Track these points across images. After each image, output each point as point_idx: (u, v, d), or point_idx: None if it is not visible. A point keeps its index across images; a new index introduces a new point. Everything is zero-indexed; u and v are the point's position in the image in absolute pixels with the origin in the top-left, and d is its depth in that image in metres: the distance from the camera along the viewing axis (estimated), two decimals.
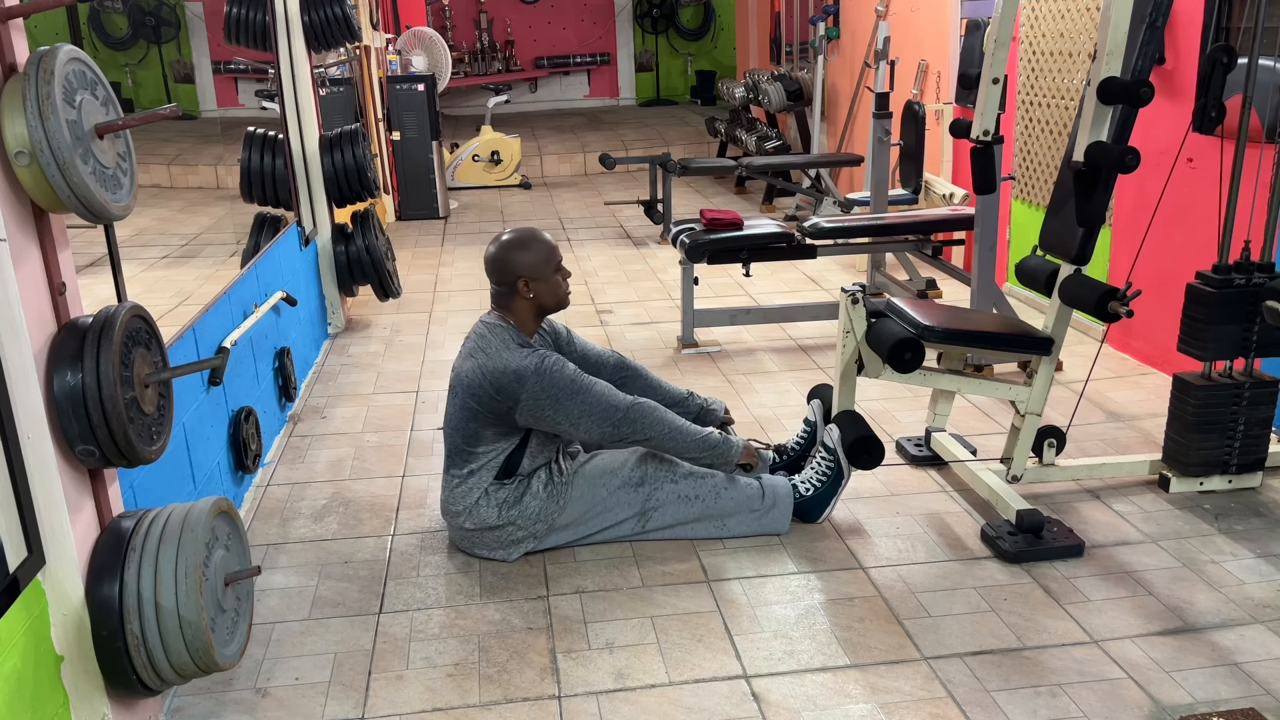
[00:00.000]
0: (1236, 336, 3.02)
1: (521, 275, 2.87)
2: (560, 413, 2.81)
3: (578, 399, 2.81)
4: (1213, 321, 3.00)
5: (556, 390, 2.80)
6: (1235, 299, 2.99)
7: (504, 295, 2.91)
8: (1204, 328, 3.02)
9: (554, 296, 2.92)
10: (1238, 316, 3.00)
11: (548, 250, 2.91)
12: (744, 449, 3.04)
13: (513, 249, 2.89)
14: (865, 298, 3.07)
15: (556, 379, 2.80)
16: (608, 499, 2.92)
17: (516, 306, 2.91)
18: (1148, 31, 2.82)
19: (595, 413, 2.83)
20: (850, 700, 2.29)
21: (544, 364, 2.80)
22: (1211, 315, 3.00)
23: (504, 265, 2.88)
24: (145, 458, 1.98)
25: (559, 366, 2.82)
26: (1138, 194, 4.34)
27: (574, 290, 5.82)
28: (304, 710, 2.31)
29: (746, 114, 9.58)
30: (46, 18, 2.58)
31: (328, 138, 4.99)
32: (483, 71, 13.67)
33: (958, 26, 5.93)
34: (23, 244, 1.82)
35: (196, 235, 5.42)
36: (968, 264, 5.17)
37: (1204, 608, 2.60)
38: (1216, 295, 2.99)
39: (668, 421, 2.91)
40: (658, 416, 2.89)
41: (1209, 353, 3.05)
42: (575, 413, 2.82)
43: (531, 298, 2.89)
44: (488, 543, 2.89)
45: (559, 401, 2.80)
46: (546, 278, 2.89)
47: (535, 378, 2.78)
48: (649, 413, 2.89)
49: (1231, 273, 3.01)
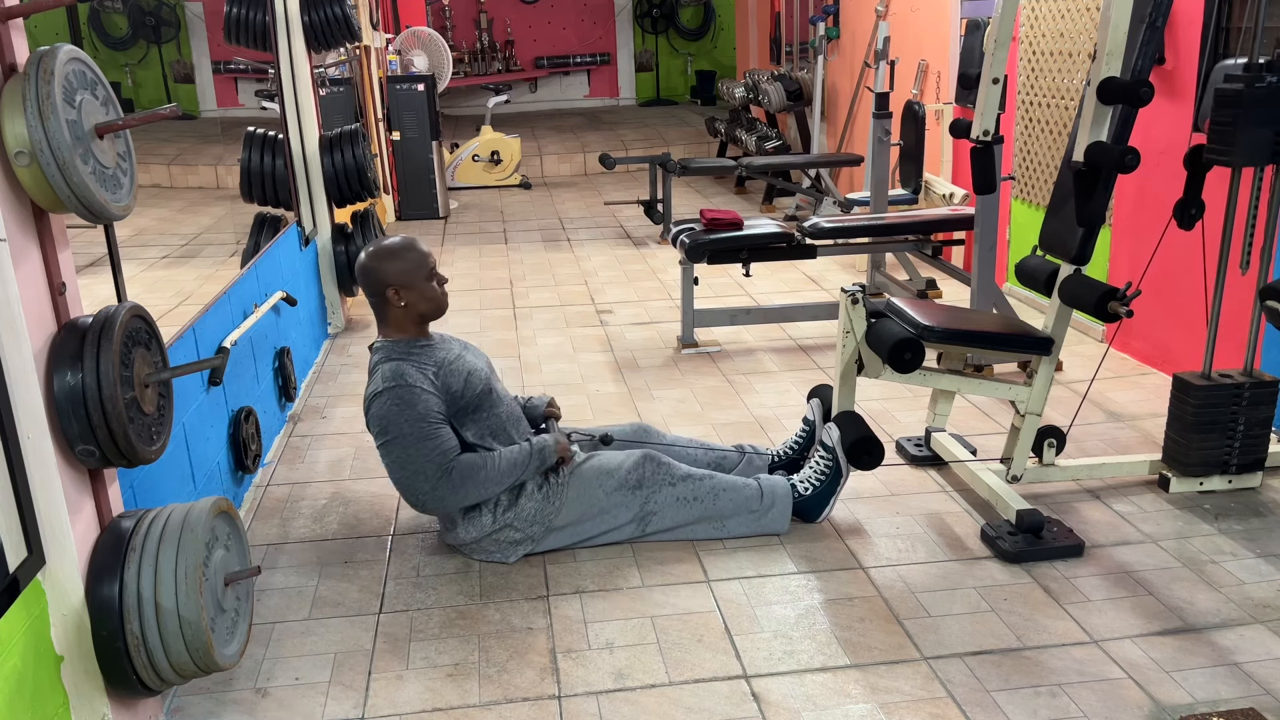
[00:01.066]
0: (1267, 141, 2.86)
1: (390, 284, 2.83)
2: (385, 450, 2.74)
3: (401, 445, 2.70)
4: (1243, 123, 2.83)
5: (386, 420, 2.71)
6: (1267, 96, 2.81)
7: (379, 307, 2.89)
8: (1233, 131, 2.85)
9: (430, 303, 2.88)
10: (1269, 118, 2.83)
11: (418, 258, 2.87)
12: (554, 447, 2.90)
13: (380, 259, 2.85)
14: (865, 298, 3.07)
15: (395, 411, 2.69)
16: (605, 500, 2.92)
17: (392, 317, 2.88)
18: (1148, 31, 2.82)
19: (409, 467, 2.71)
20: (850, 700, 2.29)
21: (396, 388, 2.71)
22: (1242, 116, 2.83)
23: (372, 276, 2.85)
24: (145, 458, 1.98)
25: (410, 396, 2.70)
26: (1138, 194, 4.34)
27: (574, 290, 5.86)
28: (304, 710, 2.31)
29: (746, 114, 9.58)
30: (46, 18, 2.58)
31: (328, 138, 4.99)
32: (483, 71, 13.67)
33: (958, 26, 5.93)
34: (23, 244, 1.82)
35: (196, 235, 5.42)
36: (968, 264, 5.17)
37: (1204, 608, 2.60)
38: (1246, 93, 2.82)
39: (479, 482, 2.75)
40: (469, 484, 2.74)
41: (1238, 157, 2.88)
42: (394, 455, 2.73)
43: (404, 306, 2.85)
44: (486, 547, 2.89)
45: (386, 434, 2.71)
46: (418, 285, 2.85)
47: (378, 400, 2.73)
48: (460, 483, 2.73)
49: (1262, 71, 2.84)
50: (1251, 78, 2.83)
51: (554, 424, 3.13)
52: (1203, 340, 3.20)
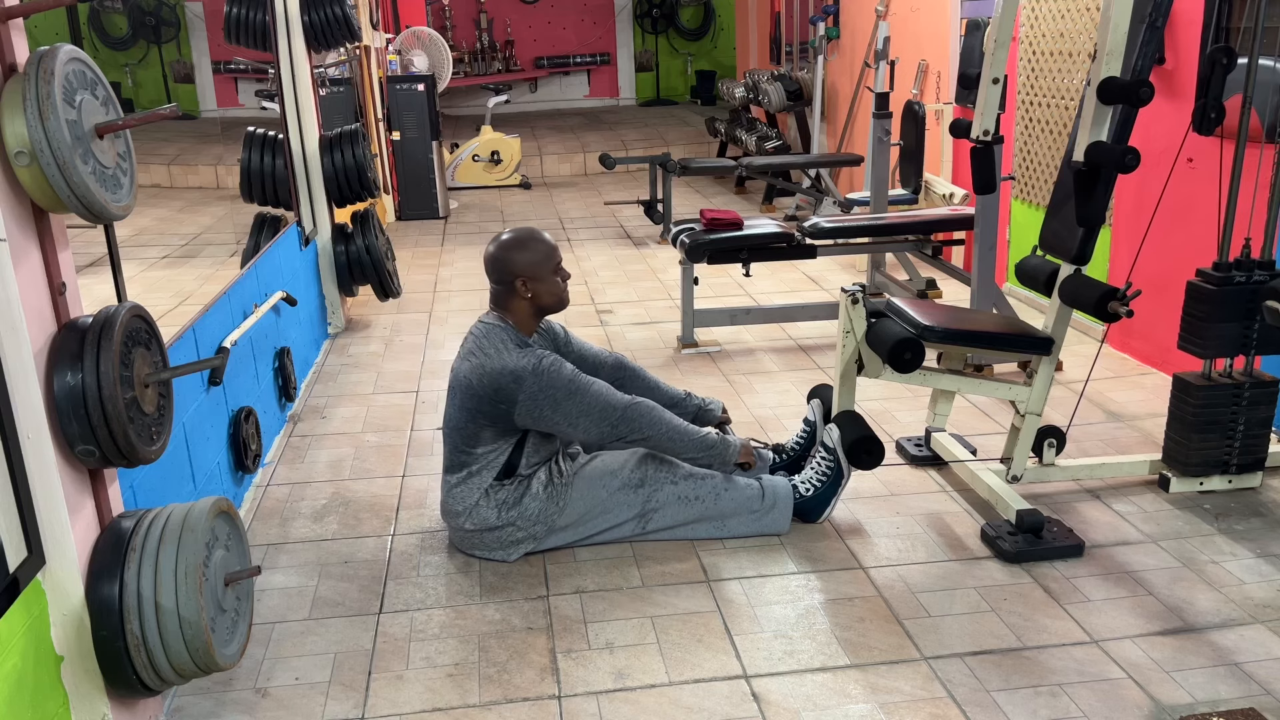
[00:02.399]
0: (1236, 334, 3.02)
1: (520, 275, 2.86)
2: (558, 413, 2.81)
3: (575, 399, 2.81)
4: (1213, 319, 3.00)
5: (554, 390, 2.79)
6: (1235, 297, 2.98)
7: (503, 295, 2.91)
8: (1204, 325, 3.02)
9: (553, 297, 2.92)
10: (1238, 314, 3.00)
11: (547, 250, 2.91)
12: (741, 448, 3.03)
13: (512, 249, 2.89)
14: (865, 298, 3.07)
15: (554, 379, 2.79)
16: (607, 500, 2.92)
17: (515, 306, 2.91)
18: (1148, 31, 2.82)
19: (593, 413, 2.83)
20: (850, 700, 2.29)
21: (541, 364, 2.80)
22: (1212, 313, 3.00)
23: (503, 265, 2.88)
24: (145, 458, 1.98)
25: (557, 367, 2.81)
26: (1138, 194, 4.34)
27: (574, 290, 5.85)
28: (304, 710, 2.31)
29: (746, 114, 9.58)
30: (46, 18, 2.58)
31: (328, 138, 4.99)
32: (483, 71, 13.67)
33: (958, 26, 5.93)
34: (23, 244, 1.82)
35: (196, 235, 5.42)
36: (968, 264, 5.17)
37: (1204, 608, 2.60)
38: (1217, 293, 2.98)
39: (665, 421, 2.90)
40: (655, 416, 2.89)
41: (1209, 350, 3.05)
42: (573, 413, 2.81)
43: (530, 298, 2.89)
44: (487, 543, 2.89)
45: (557, 402, 2.80)
46: (545, 278, 2.89)
47: (533, 378, 2.78)
48: (646, 412, 2.88)
49: (1232, 270, 3.00)
50: (1222, 278, 2.99)
51: (730, 430, 3.22)
52: None
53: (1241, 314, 3.00)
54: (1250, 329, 3.02)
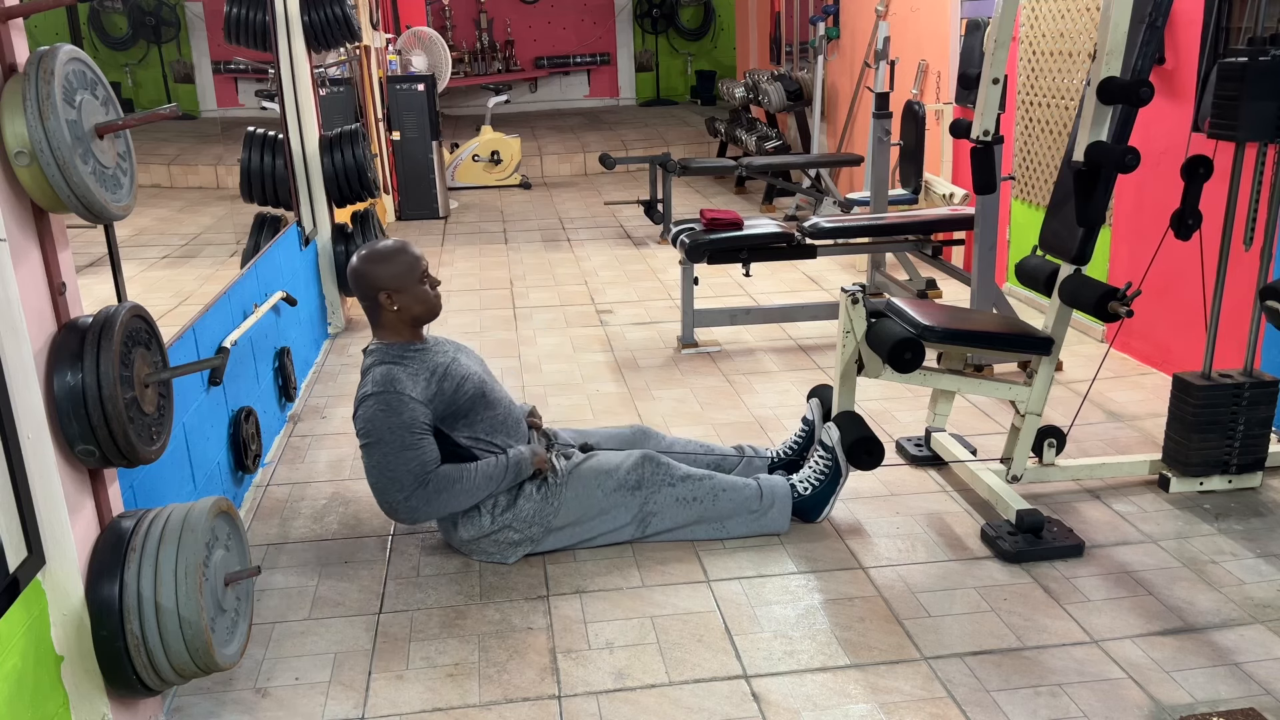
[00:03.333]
0: (1271, 115, 2.85)
1: (383, 289, 2.82)
2: (366, 454, 2.72)
3: (380, 450, 2.69)
4: (1247, 97, 2.82)
5: (370, 427, 2.70)
6: (1270, 72, 2.81)
7: (371, 311, 2.87)
8: (1236, 105, 2.84)
9: (422, 306, 2.86)
10: (1272, 91, 2.82)
11: (409, 261, 2.85)
12: (532, 459, 2.88)
13: (371, 263, 2.83)
14: (865, 298, 3.07)
15: (381, 416, 2.68)
16: (604, 501, 2.91)
17: (385, 321, 2.87)
18: (1148, 31, 2.82)
19: (386, 474, 2.69)
20: (850, 700, 2.29)
21: (383, 394, 2.70)
22: (1244, 90, 2.83)
23: (363, 280, 2.83)
24: (145, 458, 1.98)
25: (398, 403, 2.69)
26: (1138, 194, 4.34)
27: (574, 290, 5.85)
28: (304, 710, 2.31)
29: (746, 114, 9.58)
30: (46, 18, 2.58)
31: (328, 138, 4.99)
32: (483, 71, 13.67)
33: (958, 26, 5.93)
34: (23, 244, 1.82)
35: (196, 235, 5.42)
36: (968, 264, 5.17)
37: (1204, 608, 2.60)
38: (1250, 67, 2.81)
39: (456, 490, 2.74)
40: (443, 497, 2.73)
41: (1241, 131, 2.87)
42: (373, 462, 2.71)
43: (397, 310, 2.84)
44: (485, 548, 2.89)
45: (369, 440, 2.70)
46: (410, 289, 2.83)
47: (364, 404, 2.72)
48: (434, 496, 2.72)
49: (1267, 45, 2.84)
50: (1255, 51, 2.82)
51: (534, 434, 3.08)
52: (1203, 340, 3.20)
53: (1276, 92, 2.81)
54: None
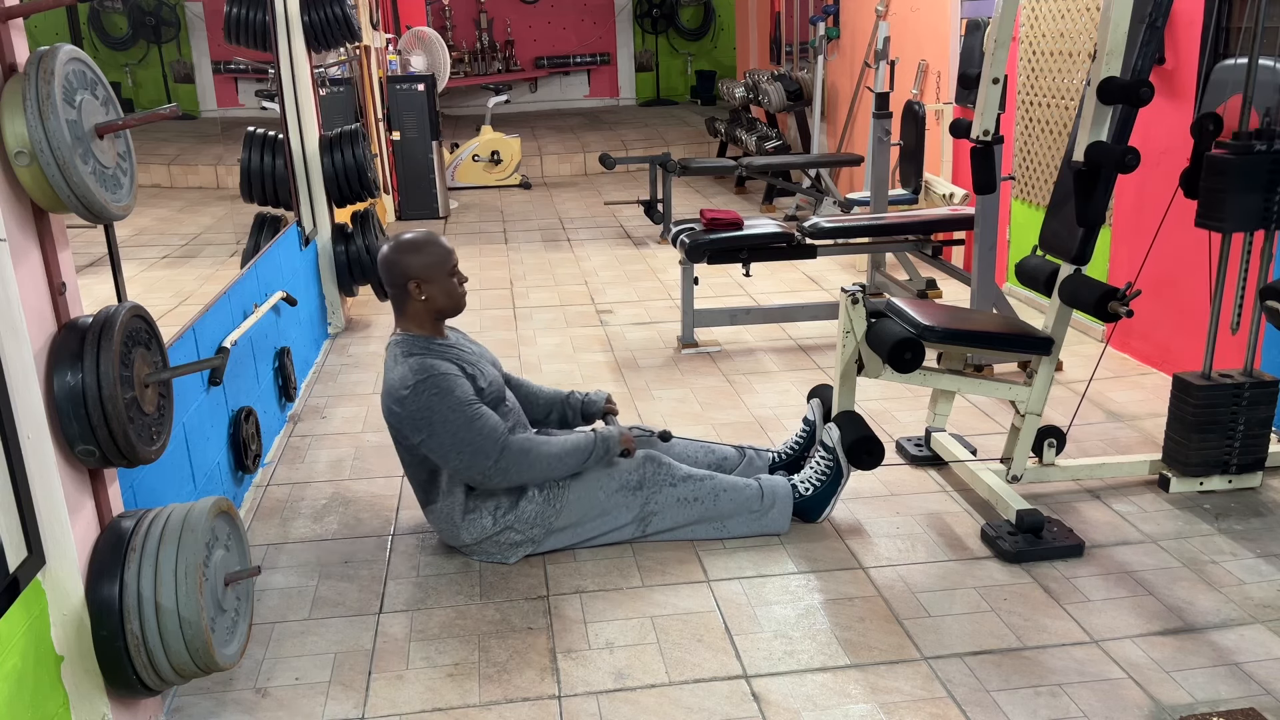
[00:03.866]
0: (1257, 206, 2.89)
1: (413, 278, 2.82)
2: (434, 438, 2.72)
3: (449, 428, 2.69)
4: (1233, 190, 2.87)
5: (430, 411, 2.70)
6: (1256, 166, 2.86)
7: (398, 299, 2.88)
8: (1224, 198, 2.89)
9: (449, 299, 2.87)
10: (1259, 185, 2.87)
11: (441, 252, 2.87)
12: (620, 438, 2.93)
13: (404, 251, 2.84)
14: (865, 298, 3.07)
15: (435, 399, 2.69)
16: (605, 501, 2.92)
17: (411, 311, 2.87)
18: (1148, 31, 2.82)
19: (465, 450, 2.71)
20: (850, 700, 2.29)
21: (429, 378, 2.71)
22: (1232, 184, 2.87)
23: (394, 268, 2.84)
24: (145, 458, 1.98)
25: (447, 382, 2.71)
26: (1138, 194, 4.34)
27: (574, 290, 5.85)
28: (304, 710, 2.31)
29: (746, 114, 9.58)
30: (46, 18, 2.58)
31: (328, 138, 4.99)
32: (483, 71, 13.67)
33: (958, 26, 5.93)
34: (23, 244, 1.82)
35: (196, 235, 5.42)
36: (968, 264, 5.17)
37: (1204, 608, 2.60)
38: (1237, 162, 2.87)
39: (541, 456, 2.78)
40: (530, 459, 2.77)
41: (1229, 224, 2.92)
42: (445, 443, 2.72)
43: (425, 300, 2.84)
44: (486, 549, 2.89)
45: (432, 426, 2.71)
46: (439, 280, 2.84)
47: (413, 395, 2.71)
48: (520, 458, 2.75)
49: (1252, 139, 2.88)
50: (1241, 146, 2.88)
51: (614, 419, 3.16)
52: (1203, 340, 3.20)
53: (1263, 185, 2.87)
54: (1272, 201, 2.88)
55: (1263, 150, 2.87)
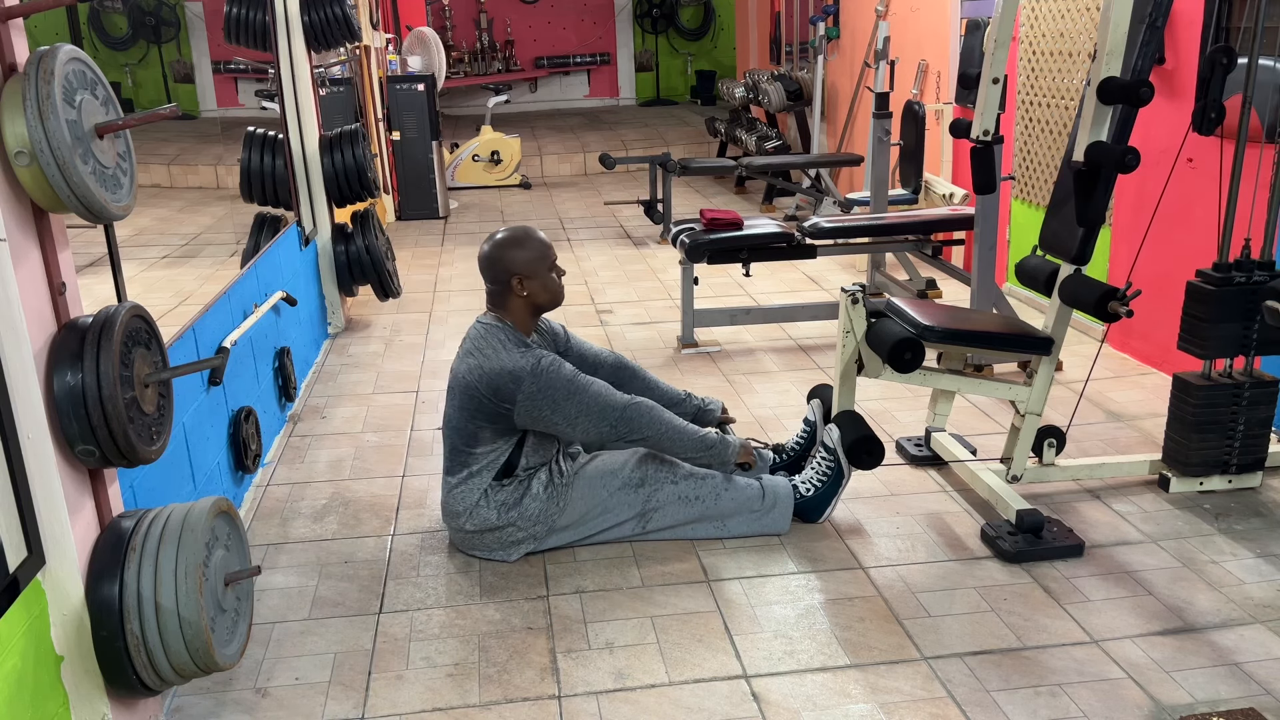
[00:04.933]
0: (1236, 334, 3.02)
1: (516, 273, 2.86)
2: (558, 413, 2.81)
3: (575, 399, 2.81)
4: (1213, 319, 3.00)
5: (553, 391, 2.79)
6: (1235, 297, 2.98)
7: (499, 294, 2.91)
8: (1204, 325, 3.01)
9: (549, 294, 2.92)
10: (1238, 314, 3.00)
11: (541, 248, 2.91)
12: (741, 448, 3.03)
13: (506, 247, 2.88)
14: (865, 298, 3.07)
15: (553, 379, 2.79)
16: (608, 500, 2.92)
17: (512, 305, 2.91)
18: (1148, 31, 2.82)
19: (593, 413, 2.82)
20: (850, 700, 2.29)
21: (540, 364, 2.80)
22: (1211, 313, 2.99)
23: (498, 263, 2.88)
24: (145, 458, 1.98)
25: (555, 367, 2.81)
26: (1138, 194, 4.34)
27: (574, 290, 5.85)
28: (304, 710, 2.31)
29: (746, 114, 9.58)
30: (46, 18, 2.58)
31: (328, 138, 4.99)
32: (483, 71, 13.67)
33: (958, 26, 5.93)
34: (23, 244, 1.82)
35: (196, 235, 5.42)
36: (968, 264, 5.17)
37: (1204, 608, 2.60)
38: (1216, 293, 2.98)
39: (665, 421, 2.90)
40: (655, 416, 2.89)
41: (1209, 351, 3.05)
42: (573, 413, 2.81)
43: (526, 296, 2.89)
44: (488, 544, 2.89)
45: (556, 402, 2.80)
46: (540, 275, 2.89)
47: (531, 378, 2.78)
48: (646, 412, 2.88)
49: (1232, 270, 3.00)
50: (1222, 278, 2.99)
51: (731, 430, 3.21)
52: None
53: (1241, 314, 3.00)
54: (1250, 329, 3.01)
55: (1241, 281, 2.98)
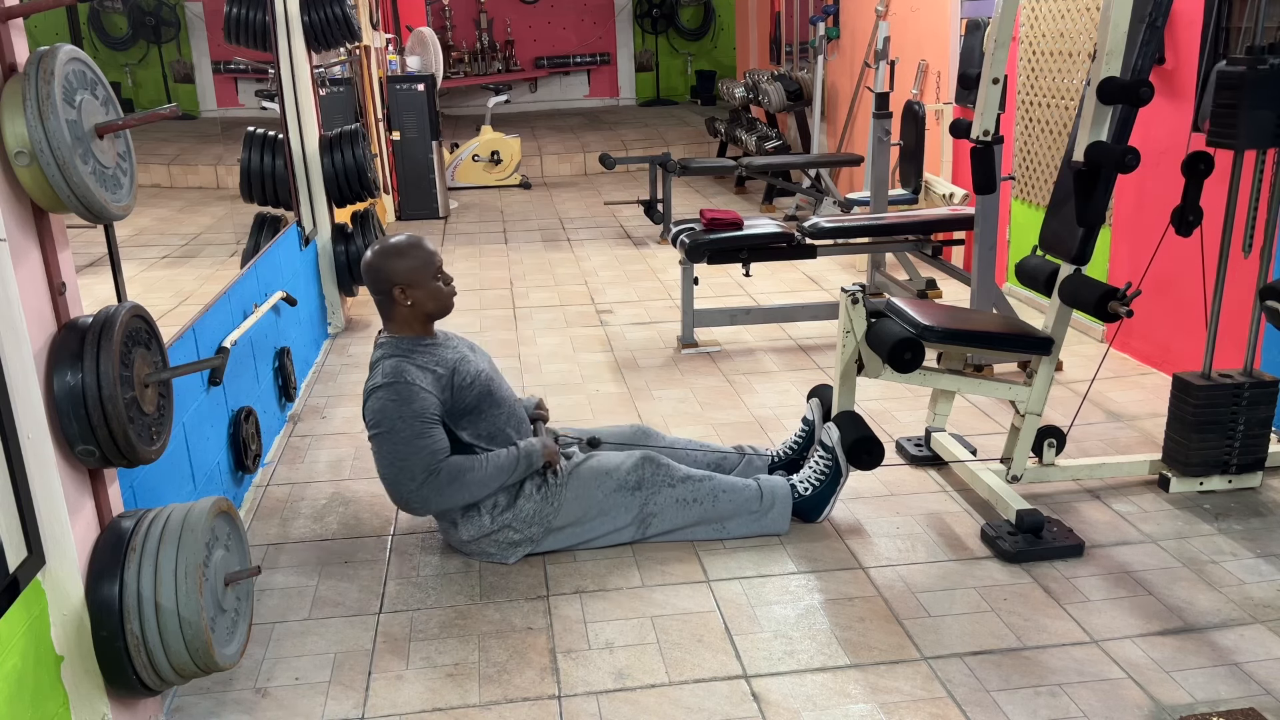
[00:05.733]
0: (1270, 123, 2.86)
1: (397, 283, 2.82)
2: (376, 443, 2.72)
3: (392, 440, 2.69)
4: (1245, 105, 2.83)
5: (382, 416, 2.70)
6: (1270, 79, 2.82)
7: (385, 305, 2.88)
8: (1235, 113, 2.85)
9: (435, 301, 2.88)
10: (1272, 100, 2.83)
11: (424, 256, 2.86)
12: (541, 451, 2.88)
13: (387, 257, 2.84)
14: (865, 298, 3.07)
15: (392, 407, 2.68)
16: (604, 501, 2.91)
17: (398, 315, 2.87)
18: (1148, 31, 2.82)
19: (396, 464, 2.70)
20: (850, 700, 2.29)
21: (395, 384, 2.71)
22: (1244, 98, 2.83)
23: (379, 274, 2.84)
24: (145, 458, 1.98)
25: (408, 393, 2.69)
26: (1138, 194, 4.34)
27: (574, 290, 5.85)
28: (304, 710, 2.31)
29: (746, 114, 9.58)
30: (46, 18, 2.58)
31: (328, 138, 4.99)
32: (483, 71, 13.67)
33: (958, 26, 5.93)
34: (23, 244, 1.82)
35: (196, 235, 5.42)
36: (968, 264, 5.17)
37: (1204, 608, 2.60)
38: (1248, 75, 2.83)
39: (466, 483, 2.74)
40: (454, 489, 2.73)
41: (1242, 140, 2.88)
42: (384, 452, 2.71)
43: (410, 305, 2.85)
44: (485, 548, 2.89)
45: (379, 430, 2.70)
46: (424, 284, 2.84)
47: (376, 395, 2.72)
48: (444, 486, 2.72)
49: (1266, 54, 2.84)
50: (1253, 60, 2.83)
51: (541, 426, 3.09)
52: (1203, 340, 3.20)
53: (1276, 100, 2.83)
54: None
55: (1276, 64, 2.82)
